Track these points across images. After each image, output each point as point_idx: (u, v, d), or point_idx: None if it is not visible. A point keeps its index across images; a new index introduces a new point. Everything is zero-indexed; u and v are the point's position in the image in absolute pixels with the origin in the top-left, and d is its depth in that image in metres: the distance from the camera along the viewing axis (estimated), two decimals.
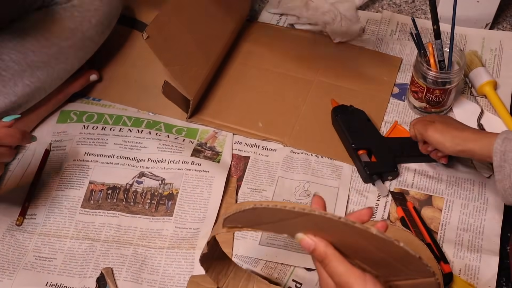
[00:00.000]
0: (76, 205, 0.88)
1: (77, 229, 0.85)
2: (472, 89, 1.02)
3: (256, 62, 1.08)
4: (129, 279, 0.79)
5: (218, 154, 0.94)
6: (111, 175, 0.91)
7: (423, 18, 1.17)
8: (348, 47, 1.10)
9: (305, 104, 1.00)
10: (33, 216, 0.87)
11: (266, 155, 0.95)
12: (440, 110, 0.97)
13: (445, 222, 0.85)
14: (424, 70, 0.91)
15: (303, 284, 0.80)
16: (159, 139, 0.95)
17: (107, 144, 0.95)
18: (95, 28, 0.94)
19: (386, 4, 1.20)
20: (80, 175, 0.91)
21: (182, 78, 0.92)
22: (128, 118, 0.99)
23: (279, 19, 1.17)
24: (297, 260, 0.82)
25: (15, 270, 0.81)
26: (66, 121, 0.99)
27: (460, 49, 0.93)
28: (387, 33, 1.13)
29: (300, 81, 1.04)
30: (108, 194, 0.89)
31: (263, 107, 1.01)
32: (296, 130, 0.97)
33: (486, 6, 1.08)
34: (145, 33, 0.84)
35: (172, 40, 0.91)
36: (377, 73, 1.05)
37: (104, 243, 0.84)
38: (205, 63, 0.98)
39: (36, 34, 0.88)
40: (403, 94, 1.02)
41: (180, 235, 0.84)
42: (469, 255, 0.81)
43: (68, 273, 0.81)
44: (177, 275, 0.80)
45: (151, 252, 0.82)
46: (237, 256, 0.83)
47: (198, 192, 0.88)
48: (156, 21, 0.87)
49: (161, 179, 0.90)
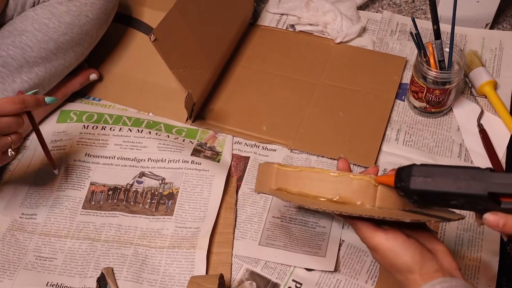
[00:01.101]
0: (77, 206, 0.88)
1: (77, 229, 0.85)
2: (472, 89, 1.02)
3: (259, 65, 1.08)
4: (129, 279, 0.79)
5: (218, 154, 0.94)
6: (112, 176, 0.91)
7: (423, 18, 1.17)
8: (349, 48, 1.10)
9: (309, 106, 1.00)
10: (34, 216, 0.87)
11: (266, 155, 0.95)
12: (440, 110, 0.97)
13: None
14: (424, 70, 0.91)
15: (303, 284, 0.80)
16: (159, 139, 0.95)
17: (107, 145, 0.95)
18: (93, 22, 0.94)
19: (386, 4, 1.20)
20: (81, 176, 0.91)
21: (187, 81, 0.92)
22: (128, 118, 0.99)
23: (280, 19, 1.17)
24: (297, 260, 0.82)
25: (15, 270, 0.81)
26: (66, 121, 0.99)
27: (460, 49, 0.93)
28: (387, 33, 1.13)
29: (304, 84, 1.04)
30: (109, 195, 0.89)
31: (267, 110, 1.00)
32: (301, 133, 0.97)
33: (486, 6, 1.08)
34: (153, 35, 0.84)
35: (177, 43, 0.91)
36: (381, 73, 1.05)
37: (104, 243, 0.84)
38: (209, 66, 0.98)
39: (33, 30, 0.88)
40: (403, 94, 1.02)
41: (180, 235, 0.84)
42: (469, 255, 0.81)
43: (68, 273, 0.81)
44: (177, 275, 0.80)
45: (152, 252, 0.82)
46: (237, 256, 0.83)
47: (198, 191, 0.88)
48: (163, 23, 0.87)
49: (161, 178, 0.90)
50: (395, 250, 0.58)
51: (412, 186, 0.56)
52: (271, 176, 0.64)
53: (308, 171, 0.61)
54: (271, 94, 1.03)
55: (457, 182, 0.54)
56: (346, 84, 1.04)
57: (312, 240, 0.83)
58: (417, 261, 0.58)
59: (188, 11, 0.93)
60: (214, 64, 1.00)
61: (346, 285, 0.80)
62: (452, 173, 0.54)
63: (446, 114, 0.99)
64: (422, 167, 0.56)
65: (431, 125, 0.98)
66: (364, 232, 0.60)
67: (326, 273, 0.81)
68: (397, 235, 0.59)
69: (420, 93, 0.94)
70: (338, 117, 0.99)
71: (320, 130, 0.97)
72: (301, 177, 0.62)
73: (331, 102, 1.01)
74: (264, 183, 0.66)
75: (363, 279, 0.80)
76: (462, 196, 0.54)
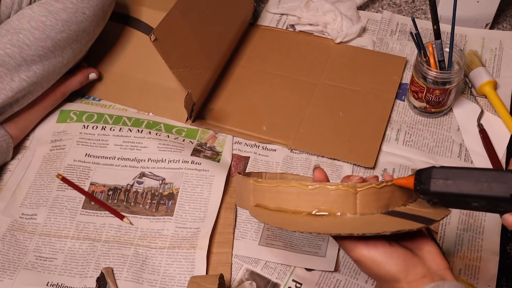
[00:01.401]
0: (77, 206, 0.88)
1: (77, 229, 0.85)
2: (472, 89, 1.02)
3: (259, 65, 1.08)
4: (130, 279, 0.80)
5: (218, 154, 0.94)
6: (112, 176, 0.91)
7: (423, 18, 1.17)
8: (349, 48, 1.10)
9: (309, 106, 1.00)
10: (34, 216, 0.87)
11: (266, 155, 0.95)
12: (440, 110, 0.97)
13: (445, 222, 0.85)
14: (424, 70, 0.91)
15: (303, 284, 0.80)
16: (159, 139, 0.95)
17: (107, 145, 0.95)
18: (90, 19, 0.94)
19: (386, 4, 1.20)
20: (81, 176, 0.91)
21: (187, 81, 0.92)
22: (128, 119, 0.99)
23: (280, 19, 1.17)
24: (297, 260, 0.82)
25: (15, 270, 0.81)
26: (66, 121, 0.99)
27: (460, 49, 0.93)
28: (387, 33, 1.13)
29: (303, 84, 1.04)
30: (109, 195, 0.89)
31: (267, 110, 1.00)
32: (301, 133, 0.97)
33: (486, 6, 1.08)
34: (153, 35, 0.84)
35: (177, 43, 0.91)
36: (382, 73, 1.05)
37: (105, 243, 0.84)
38: (209, 65, 0.98)
39: (30, 28, 0.88)
40: (403, 94, 1.02)
41: (180, 235, 0.84)
42: (469, 255, 0.82)
43: (68, 273, 0.81)
44: (177, 275, 0.80)
45: (152, 252, 0.83)
46: (237, 256, 0.83)
47: (198, 191, 0.88)
48: (163, 23, 0.87)
49: (161, 178, 0.90)
50: (377, 260, 0.56)
51: (432, 188, 0.55)
52: (249, 193, 0.63)
53: (284, 185, 0.59)
54: (271, 94, 1.03)
55: (479, 184, 0.53)
56: (346, 84, 1.04)
57: (312, 240, 0.83)
58: (401, 269, 0.55)
59: (188, 11, 0.93)
60: (214, 64, 1.00)
61: (346, 285, 0.80)
62: (473, 175, 0.54)
63: (446, 114, 0.99)
64: (442, 169, 0.56)
65: (431, 125, 0.98)
66: (346, 245, 0.58)
67: (326, 273, 0.81)
68: (377, 244, 0.56)
69: (420, 93, 0.94)
70: (338, 117, 0.99)
71: (320, 130, 0.97)
72: (278, 192, 0.59)
73: (331, 102, 1.01)
74: (243, 198, 0.64)
75: (363, 279, 0.80)
76: (484, 198, 0.54)
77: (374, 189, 0.57)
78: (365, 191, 0.57)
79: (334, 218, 0.57)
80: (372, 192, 0.57)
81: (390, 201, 0.58)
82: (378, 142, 0.95)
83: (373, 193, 0.57)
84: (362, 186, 0.57)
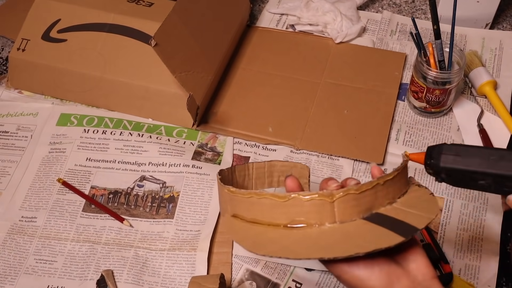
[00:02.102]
0: (77, 209, 0.88)
1: (77, 232, 0.86)
2: (472, 89, 1.02)
3: (260, 67, 1.08)
4: (130, 281, 0.80)
5: (219, 155, 0.94)
6: (112, 180, 0.91)
7: (423, 18, 1.17)
8: (349, 46, 1.11)
9: (313, 106, 1.01)
10: (34, 219, 0.87)
11: (266, 155, 0.95)
12: (440, 110, 0.97)
13: (445, 222, 0.85)
14: (424, 70, 0.91)
15: (303, 284, 0.80)
16: (160, 143, 0.95)
17: (108, 149, 0.95)
18: None
19: (386, 4, 1.20)
20: (82, 180, 0.92)
21: (189, 85, 0.92)
22: (129, 122, 0.99)
23: (280, 19, 1.17)
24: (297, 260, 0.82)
25: (16, 275, 0.82)
26: (66, 124, 0.99)
27: (460, 49, 0.93)
28: (387, 33, 1.13)
29: (306, 84, 1.04)
30: (109, 198, 0.89)
31: (271, 112, 1.00)
32: (307, 133, 0.97)
33: (486, 6, 1.08)
34: (153, 40, 0.84)
35: (178, 47, 0.91)
36: (382, 70, 1.06)
37: (105, 245, 0.84)
38: (210, 68, 0.98)
39: None
40: (403, 94, 1.02)
41: (181, 237, 0.84)
42: (469, 255, 0.81)
43: (68, 276, 0.81)
44: (178, 277, 0.80)
45: (152, 254, 0.83)
46: (237, 256, 0.83)
47: (199, 194, 0.89)
48: (162, 28, 0.87)
49: (162, 182, 0.91)
50: (359, 276, 0.52)
51: (442, 163, 0.56)
52: (226, 202, 0.60)
53: (256, 197, 0.55)
54: (274, 95, 1.03)
55: (487, 162, 0.54)
56: (348, 82, 1.04)
57: None
58: (384, 283, 0.52)
59: (186, 15, 0.93)
60: (215, 66, 1.00)
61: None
62: (482, 152, 0.55)
63: (446, 114, 0.99)
64: (453, 145, 0.57)
65: (431, 125, 0.98)
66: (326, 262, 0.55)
67: (326, 273, 0.81)
68: (358, 258, 0.52)
69: (420, 93, 0.94)
70: (343, 115, 0.99)
71: (326, 129, 0.97)
72: (252, 203, 0.56)
73: (334, 101, 1.01)
74: (222, 207, 0.62)
75: None
76: (491, 176, 0.55)
77: (353, 195, 0.53)
78: (342, 198, 0.53)
79: (311, 230, 0.54)
80: (351, 198, 0.54)
81: (373, 204, 0.55)
82: (385, 138, 0.95)
83: (353, 199, 0.54)
84: (338, 193, 0.53)
